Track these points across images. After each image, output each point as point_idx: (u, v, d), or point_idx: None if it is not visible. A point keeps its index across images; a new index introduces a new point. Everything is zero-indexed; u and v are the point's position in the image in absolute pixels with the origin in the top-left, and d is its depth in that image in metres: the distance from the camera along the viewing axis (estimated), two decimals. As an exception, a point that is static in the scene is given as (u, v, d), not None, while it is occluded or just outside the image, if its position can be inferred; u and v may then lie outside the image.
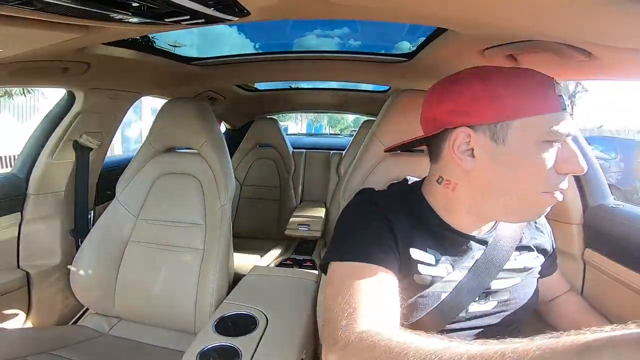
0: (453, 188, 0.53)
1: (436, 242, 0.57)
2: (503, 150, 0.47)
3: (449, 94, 0.51)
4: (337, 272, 0.52)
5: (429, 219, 0.57)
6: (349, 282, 0.48)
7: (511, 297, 0.58)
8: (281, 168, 2.16)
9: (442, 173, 0.55)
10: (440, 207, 0.57)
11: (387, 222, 0.56)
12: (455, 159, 0.50)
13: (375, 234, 0.54)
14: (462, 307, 0.55)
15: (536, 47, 0.64)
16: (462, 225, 0.56)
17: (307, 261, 1.68)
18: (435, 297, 0.54)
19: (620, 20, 0.42)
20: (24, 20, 0.53)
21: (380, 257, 0.51)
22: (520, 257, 0.60)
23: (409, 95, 0.91)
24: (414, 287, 0.54)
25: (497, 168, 0.48)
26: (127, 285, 1.10)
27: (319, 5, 0.57)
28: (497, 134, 0.47)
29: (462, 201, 0.54)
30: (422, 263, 0.55)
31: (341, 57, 1.32)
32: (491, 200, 0.51)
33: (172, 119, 1.15)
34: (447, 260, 0.56)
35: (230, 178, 1.12)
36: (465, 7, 0.51)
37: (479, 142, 0.48)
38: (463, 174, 0.52)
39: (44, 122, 1.18)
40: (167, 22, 0.59)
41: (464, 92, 0.49)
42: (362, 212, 0.59)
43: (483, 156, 0.48)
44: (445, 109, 0.51)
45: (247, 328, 0.84)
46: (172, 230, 1.12)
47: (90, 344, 1.01)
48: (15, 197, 1.12)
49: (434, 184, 0.57)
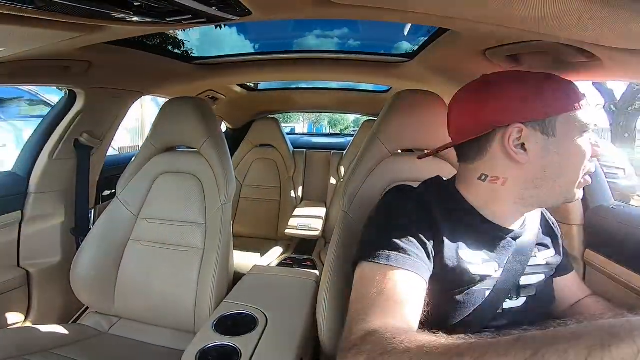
0: (502, 183, 0.56)
1: (480, 239, 0.58)
2: (554, 142, 0.52)
3: (492, 97, 0.55)
4: (361, 275, 0.53)
5: (470, 216, 0.59)
6: (372, 285, 0.49)
7: (538, 293, 0.61)
8: (281, 168, 2.16)
9: (486, 170, 0.57)
10: (482, 203, 0.59)
11: (428, 218, 0.57)
12: (510, 154, 0.53)
13: (410, 231, 0.55)
14: (499, 304, 0.57)
15: (537, 48, 0.64)
16: (502, 219, 0.59)
17: (307, 261, 1.69)
18: (481, 295, 0.56)
19: (621, 21, 0.42)
20: (25, 19, 0.53)
21: (411, 261, 0.51)
22: (540, 253, 0.64)
23: (410, 95, 0.91)
24: (462, 286, 0.56)
25: (550, 157, 0.53)
26: (127, 284, 1.10)
27: (320, 6, 0.57)
28: (547, 128, 0.52)
29: (512, 193, 0.56)
30: (471, 264, 0.56)
31: (342, 57, 1.32)
32: (545, 186, 0.54)
33: (172, 118, 1.15)
34: (493, 259, 0.58)
35: (230, 177, 1.12)
36: (467, 8, 0.51)
37: (531, 137, 0.52)
38: (515, 167, 0.54)
39: (45, 121, 1.18)
40: (168, 21, 0.59)
41: (509, 93, 0.53)
42: (401, 209, 0.59)
43: (536, 148, 0.52)
44: (492, 110, 0.54)
45: (247, 327, 0.84)
46: (172, 229, 1.12)
47: (90, 343, 1.01)
48: (16, 196, 1.12)
49: (474, 182, 0.59)
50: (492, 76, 0.57)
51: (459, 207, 0.60)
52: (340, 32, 1.29)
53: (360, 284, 0.52)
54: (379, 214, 0.62)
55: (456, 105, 0.61)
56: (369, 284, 0.50)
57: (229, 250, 1.12)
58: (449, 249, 0.55)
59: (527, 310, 0.59)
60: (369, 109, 2.32)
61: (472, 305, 0.55)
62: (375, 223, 0.61)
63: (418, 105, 0.91)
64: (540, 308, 0.62)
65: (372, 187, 0.91)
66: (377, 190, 0.92)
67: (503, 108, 0.53)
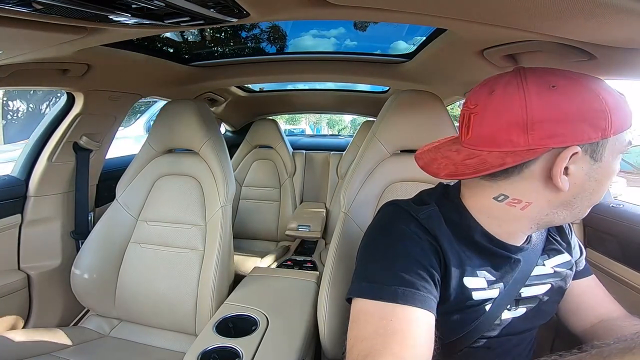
0: (523, 207, 0.47)
1: (486, 260, 0.53)
2: (597, 167, 0.44)
3: (555, 106, 0.42)
4: (363, 311, 0.46)
5: (476, 234, 0.52)
6: (380, 325, 0.42)
7: (540, 304, 0.57)
8: (281, 169, 2.16)
9: (508, 191, 0.47)
10: (493, 222, 0.51)
11: (433, 242, 0.50)
12: (554, 179, 0.43)
13: (416, 260, 0.48)
14: (497, 316, 0.54)
15: (535, 47, 0.64)
16: (509, 238, 0.53)
17: (308, 262, 1.68)
18: (481, 312, 0.53)
19: (620, 21, 0.42)
20: (23, 22, 0.53)
21: (421, 297, 0.45)
22: (549, 261, 0.59)
23: (408, 96, 0.91)
24: (462, 309, 0.52)
25: (588, 184, 0.45)
26: (127, 286, 1.10)
27: (318, 7, 0.57)
28: (597, 152, 0.43)
29: (529, 218, 0.49)
30: (475, 290, 0.52)
31: (341, 57, 1.32)
32: (566, 211, 0.48)
33: (171, 120, 1.15)
34: (497, 278, 0.53)
35: (230, 179, 1.12)
36: (464, 8, 0.51)
37: (579, 161, 0.43)
38: (546, 192, 0.45)
39: (44, 123, 1.18)
40: (166, 23, 0.59)
41: (578, 104, 0.41)
42: (398, 231, 0.51)
43: (579, 175, 0.44)
44: (553, 124, 0.42)
45: (248, 329, 0.84)
46: (172, 231, 1.12)
47: (91, 346, 1.01)
48: (15, 199, 1.12)
49: (487, 200, 0.50)
50: (551, 76, 0.44)
51: (463, 223, 0.52)
52: (339, 33, 1.30)
53: (363, 321, 0.45)
54: (376, 239, 0.54)
55: (492, 106, 0.45)
56: (375, 322, 0.43)
57: (229, 251, 1.12)
58: (454, 278, 0.50)
59: (525, 319, 0.57)
60: (368, 109, 2.32)
61: (470, 322, 0.53)
62: (373, 250, 0.52)
63: (417, 105, 0.91)
64: (538, 319, 0.58)
65: (372, 187, 0.91)
66: (376, 190, 0.92)
67: (572, 122, 0.41)
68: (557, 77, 0.44)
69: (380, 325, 0.42)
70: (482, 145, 0.46)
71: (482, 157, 0.45)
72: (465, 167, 0.46)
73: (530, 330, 0.59)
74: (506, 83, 0.45)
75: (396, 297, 0.44)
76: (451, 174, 0.47)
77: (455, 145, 0.51)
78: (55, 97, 4.84)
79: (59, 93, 1.19)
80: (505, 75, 0.47)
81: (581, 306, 0.63)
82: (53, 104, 1.31)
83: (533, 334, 0.62)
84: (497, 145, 0.45)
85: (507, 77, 0.46)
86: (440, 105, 0.91)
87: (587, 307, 0.63)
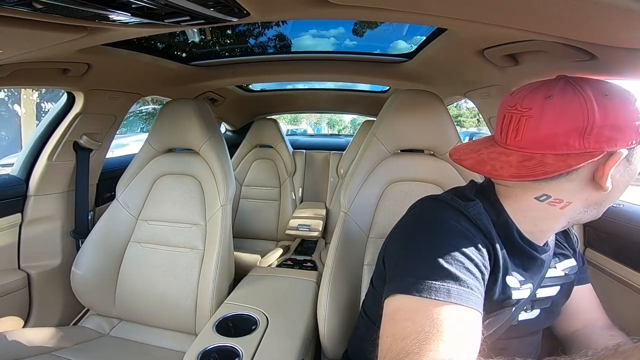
0: (564, 206, 0.49)
1: (517, 260, 0.53)
2: (630, 169, 0.48)
3: (614, 110, 0.44)
4: (404, 308, 0.43)
5: (513, 234, 0.52)
6: (420, 324, 0.39)
7: (552, 305, 0.60)
8: (281, 168, 2.16)
9: (551, 191, 0.48)
10: (528, 221, 0.52)
11: (485, 240, 0.50)
12: (601, 181, 0.45)
13: (468, 258, 0.46)
14: (515, 317, 0.56)
15: (536, 47, 0.64)
16: (539, 238, 0.54)
17: (308, 262, 1.68)
18: (507, 313, 0.54)
19: (621, 20, 0.42)
20: (23, 22, 0.53)
21: (470, 295, 0.43)
22: (560, 264, 0.61)
23: (408, 95, 0.91)
24: (496, 309, 0.52)
25: (620, 185, 0.48)
26: (127, 285, 1.10)
27: (318, 6, 0.57)
28: (631, 155, 0.47)
29: (566, 217, 0.51)
30: (515, 289, 0.52)
31: (341, 57, 1.32)
32: (595, 210, 0.51)
33: (172, 120, 1.15)
34: (527, 279, 0.54)
35: (230, 179, 1.12)
36: (464, 8, 0.51)
37: (620, 164, 0.46)
38: (589, 193, 0.48)
39: (44, 123, 1.18)
40: (167, 23, 0.59)
41: (629, 108, 0.44)
42: (447, 227, 0.49)
43: (617, 176, 0.47)
44: (611, 128, 0.43)
45: (248, 329, 0.84)
46: (172, 230, 1.12)
47: (91, 345, 1.01)
48: (15, 198, 1.12)
49: (527, 200, 0.50)
50: (601, 85, 0.46)
51: (501, 221, 0.52)
52: (339, 33, 1.30)
53: (403, 319, 0.41)
54: (421, 234, 0.50)
55: (551, 110, 0.45)
56: (419, 320, 0.40)
57: (229, 251, 1.12)
58: (500, 277, 0.50)
59: (538, 321, 0.59)
60: (368, 109, 2.32)
61: (496, 324, 0.53)
62: (419, 245, 0.48)
63: (417, 105, 0.91)
64: (548, 321, 0.61)
65: (372, 187, 0.91)
66: (377, 190, 0.92)
67: (623, 128, 0.43)
68: (605, 85, 0.46)
69: (425, 324, 0.39)
70: (535, 148, 0.46)
71: (539, 160, 0.45)
72: (526, 169, 0.45)
73: (539, 331, 0.61)
74: (562, 89, 0.46)
75: (450, 295, 0.41)
76: (515, 176, 0.46)
77: (495, 147, 0.51)
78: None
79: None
80: (554, 82, 0.48)
81: (573, 310, 0.66)
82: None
83: (540, 335, 0.63)
84: (553, 148, 0.45)
85: (560, 84, 0.47)
86: (441, 104, 0.91)
87: (578, 312, 0.66)
